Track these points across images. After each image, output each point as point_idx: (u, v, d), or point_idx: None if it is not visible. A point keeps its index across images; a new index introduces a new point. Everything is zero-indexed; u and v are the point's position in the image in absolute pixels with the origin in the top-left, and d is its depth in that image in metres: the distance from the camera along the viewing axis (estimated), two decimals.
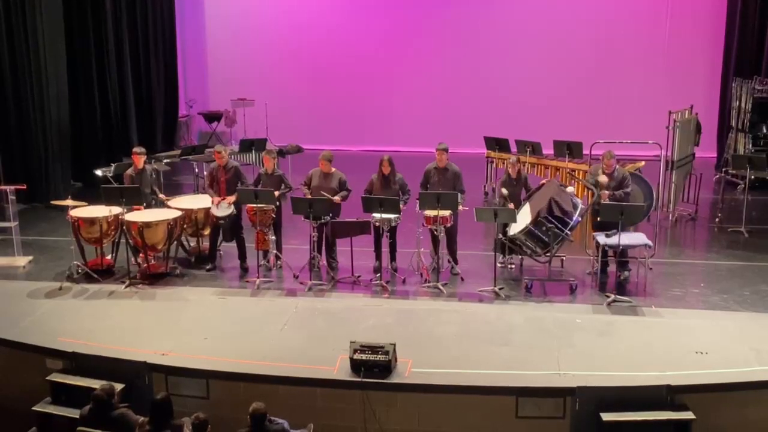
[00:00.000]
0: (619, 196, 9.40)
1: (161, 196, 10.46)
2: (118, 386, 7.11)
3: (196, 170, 13.27)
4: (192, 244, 10.75)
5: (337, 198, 9.69)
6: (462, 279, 9.71)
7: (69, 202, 10.06)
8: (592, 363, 7.52)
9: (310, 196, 9.64)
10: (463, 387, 7.21)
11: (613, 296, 8.94)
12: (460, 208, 9.58)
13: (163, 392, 6.85)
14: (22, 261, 10.33)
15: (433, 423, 7.27)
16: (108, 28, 15.08)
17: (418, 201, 9.44)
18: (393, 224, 9.53)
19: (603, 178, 9.48)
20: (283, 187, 10.00)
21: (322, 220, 9.55)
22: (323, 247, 9.97)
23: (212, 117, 17.33)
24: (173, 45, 17.55)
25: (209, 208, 10.09)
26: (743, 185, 12.22)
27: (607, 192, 9.42)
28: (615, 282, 9.41)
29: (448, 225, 9.48)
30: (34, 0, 12.56)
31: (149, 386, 7.46)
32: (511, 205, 9.67)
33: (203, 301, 9.22)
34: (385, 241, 9.67)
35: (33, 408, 7.41)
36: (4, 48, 12.57)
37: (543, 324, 8.41)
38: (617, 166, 9.75)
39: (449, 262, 9.88)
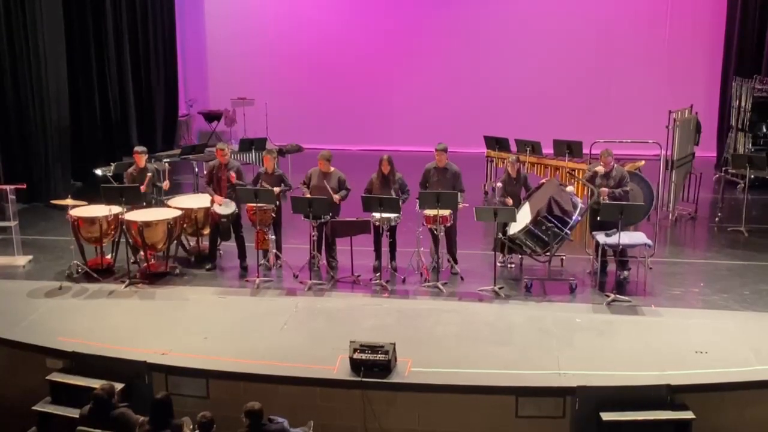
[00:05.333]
0: (618, 195, 9.42)
1: (164, 183, 10.47)
2: (118, 386, 7.10)
3: (196, 170, 13.28)
4: (192, 244, 10.75)
5: (336, 197, 9.69)
6: (462, 278, 9.71)
7: (69, 201, 10.05)
8: (591, 362, 7.52)
9: (309, 196, 9.65)
10: (463, 386, 7.21)
11: (612, 296, 8.93)
12: (461, 205, 9.58)
13: (163, 392, 6.85)
14: (22, 260, 10.33)
15: (432, 422, 7.27)
16: (108, 28, 15.07)
17: (417, 200, 9.45)
18: (393, 224, 9.53)
19: (599, 168, 9.47)
20: (282, 186, 10.00)
21: (322, 220, 9.55)
22: (323, 247, 9.97)
23: (212, 116, 17.32)
24: (173, 45, 17.55)
25: (209, 207, 10.10)
26: (743, 185, 12.23)
27: (606, 189, 9.43)
28: (615, 281, 9.41)
29: (448, 224, 9.49)
30: (34, 0, 12.56)
31: (149, 386, 7.46)
32: (509, 201, 9.69)
33: (203, 300, 9.22)
34: (384, 241, 9.67)
35: (33, 407, 7.39)
36: (4, 48, 12.57)
37: (543, 323, 8.41)
38: (616, 165, 9.75)
39: (449, 261, 9.88)
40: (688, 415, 6.90)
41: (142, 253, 9.84)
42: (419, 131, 16.21)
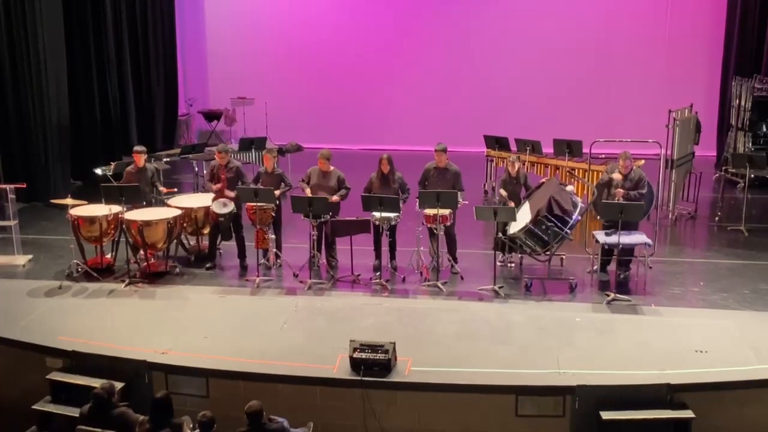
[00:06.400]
0: (633, 197, 9.36)
1: (162, 188, 10.46)
2: (118, 385, 7.11)
3: (196, 169, 13.28)
4: (192, 243, 10.75)
5: (335, 197, 9.69)
6: (462, 278, 9.72)
7: (69, 200, 10.04)
8: (591, 362, 7.52)
9: (309, 195, 9.65)
10: (463, 386, 7.21)
11: (612, 295, 8.93)
12: (460, 203, 9.57)
13: (163, 391, 6.85)
14: (21, 260, 10.33)
15: (432, 422, 7.27)
16: (108, 28, 15.07)
17: (417, 200, 9.45)
18: (393, 223, 9.53)
19: (617, 176, 9.45)
20: (282, 185, 10.01)
21: (322, 219, 9.56)
22: (323, 246, 9.97)
23: (212, 116, 17.32)
24: (173, 44, 17.54)
25: (209, 206, 10.10)
26: (743, 184, 12.23)
27: (621, 191, 9.39)
28: (615, 281, 9.41)
29: (448, 224, 9.49)
30: (34, 0, 12.57)
31: (149, 385, 7.47)
32: (511, 203, 9.68)
33: (203, 299, 9.22)
34: (384, 240, 9.67)
35: (33, 407, 7.39)
36: (4, 48, 12.57)
37: (543, 323, 8.41)
38: (634, 167, 9.73)
39: (449, 260, 9.88)
40: (687, 414, 6.90)
41: (142, 252, 9.84)
42: (419, 131, 16.20)
